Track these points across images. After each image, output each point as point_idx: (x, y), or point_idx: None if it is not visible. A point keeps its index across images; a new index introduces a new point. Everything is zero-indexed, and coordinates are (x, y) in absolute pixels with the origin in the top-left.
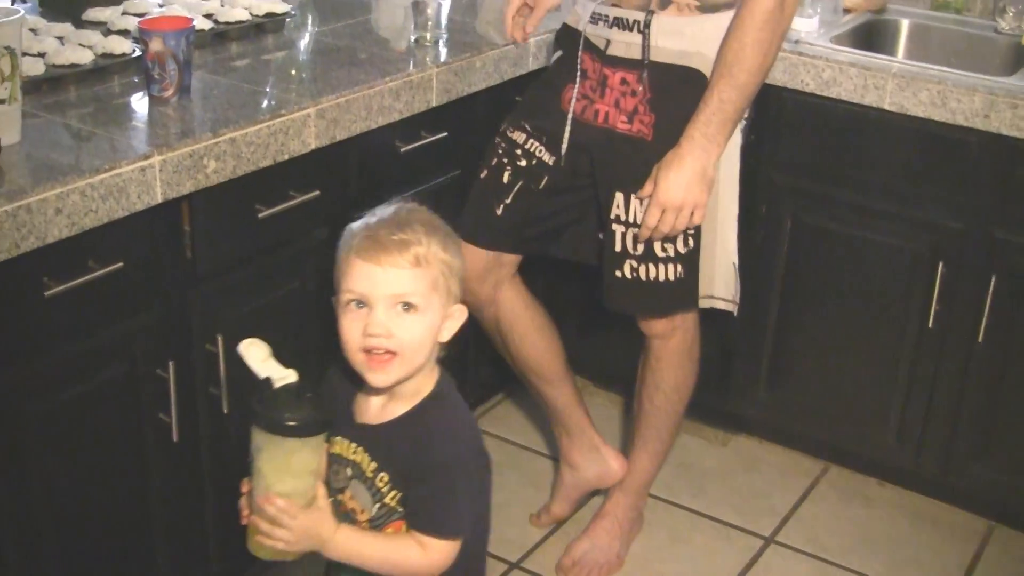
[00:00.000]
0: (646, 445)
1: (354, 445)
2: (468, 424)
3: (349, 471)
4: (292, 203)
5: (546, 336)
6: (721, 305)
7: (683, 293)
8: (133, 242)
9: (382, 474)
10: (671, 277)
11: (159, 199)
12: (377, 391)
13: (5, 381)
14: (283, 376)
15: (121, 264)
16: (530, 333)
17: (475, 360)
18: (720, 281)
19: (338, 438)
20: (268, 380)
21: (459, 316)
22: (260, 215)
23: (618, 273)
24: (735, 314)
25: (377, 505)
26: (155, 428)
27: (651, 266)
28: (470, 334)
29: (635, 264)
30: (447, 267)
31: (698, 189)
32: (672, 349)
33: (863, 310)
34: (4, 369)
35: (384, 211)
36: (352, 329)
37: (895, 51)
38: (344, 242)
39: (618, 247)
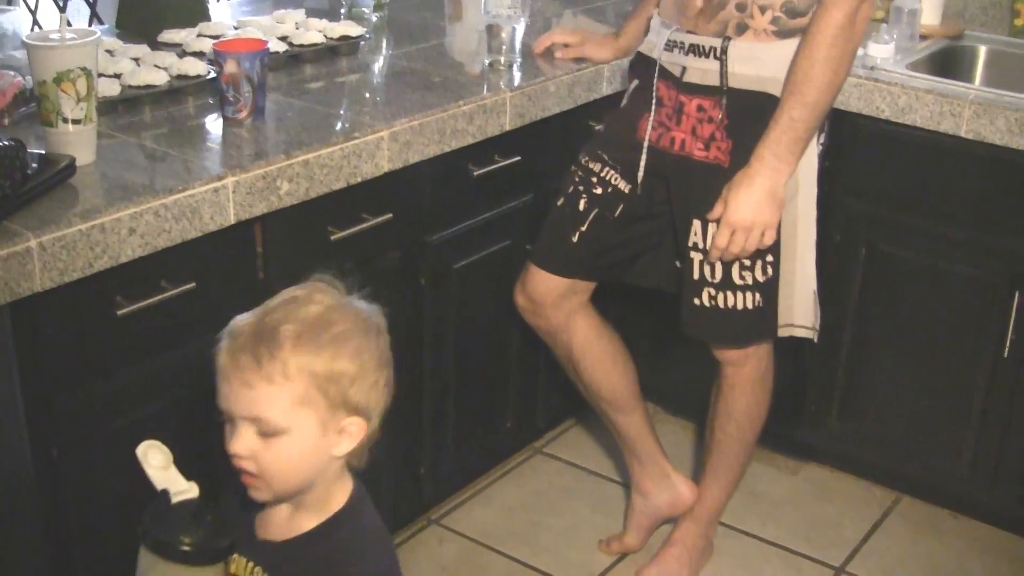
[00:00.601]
0: (717, 474)
1: (252, 564)
2: (382, 543)
3: None
4: (365, 226)
5: (619, 364)
6: (801, 333)
7: (762, 322)
8: (206, 262)
9: None
10: (749, 305)
11: (232, 220)
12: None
13: (77, 399)
14: (182, 490)
15: (194, 284)
16: (603, 361)
17: (545, 386)
18: (800, 309)
19: (235, 555)
20: (165, 493)
21: (356, 432)
22: (332, 237)
23: (696, 301)
24: (815, 341)
25: None
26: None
27: (729, 294)
28: (541, 361)
29: (713, 292)
30: (324, 378)
31: (768, 209)
32: (745, 377)
33: (937, 339)
34: (76, 388)
35: (260, 311)
36: (226, 439)
37: (972, 78)
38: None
39: (696, 275)
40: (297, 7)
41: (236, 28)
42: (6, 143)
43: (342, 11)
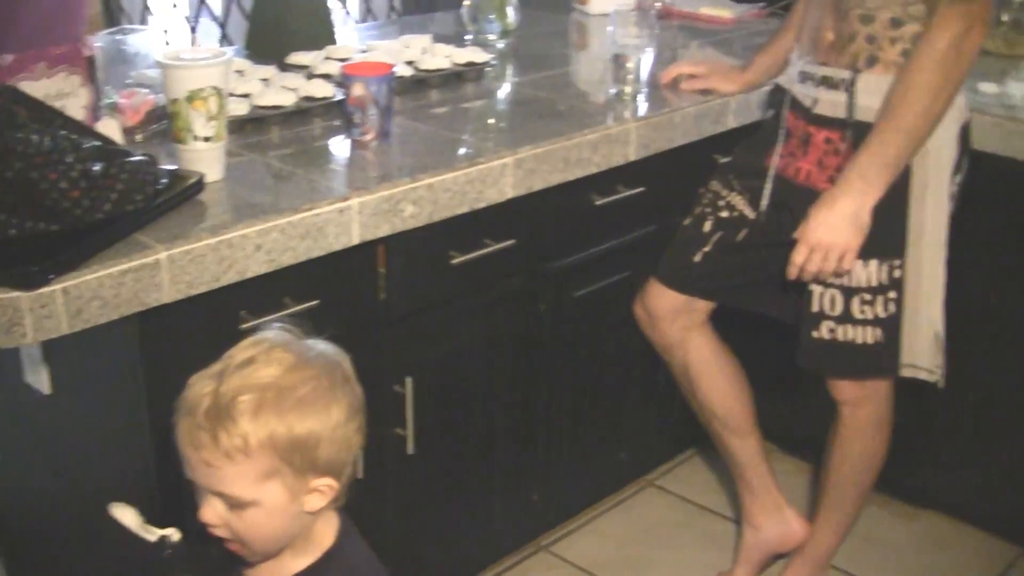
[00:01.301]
0: (829, 516)
1: None
2: (377, 574)
3: None
4: (486, 251)
5: (735, 385)
6: (923, 375)
7: (881, 358)
8: (329, 281)
9: None
10: (869, 340)
11: (356, 240)
12: None
13: None
14: (169, 533)
15: (317, 302)
16: (718, 380)
17: (660, 419)
18: (924, 350)
19: None
20: (164, 538)
21: (327, 491)
22: (454, 261)
23: (815, 333)
24: (940, 385)
25: None
26: None
27: (849, 328)
28: (658, 393)
29: (832, 325)
30: (288, 448)
31: (849, 232)
32: (862, 418)
33: None
34: None
35: (217, 373)
36: (198, 502)
37: None
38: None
39: (815, 307)
40: (424, 32)
41: (363, 51)
42: (139, 158)
43: (468, 37)
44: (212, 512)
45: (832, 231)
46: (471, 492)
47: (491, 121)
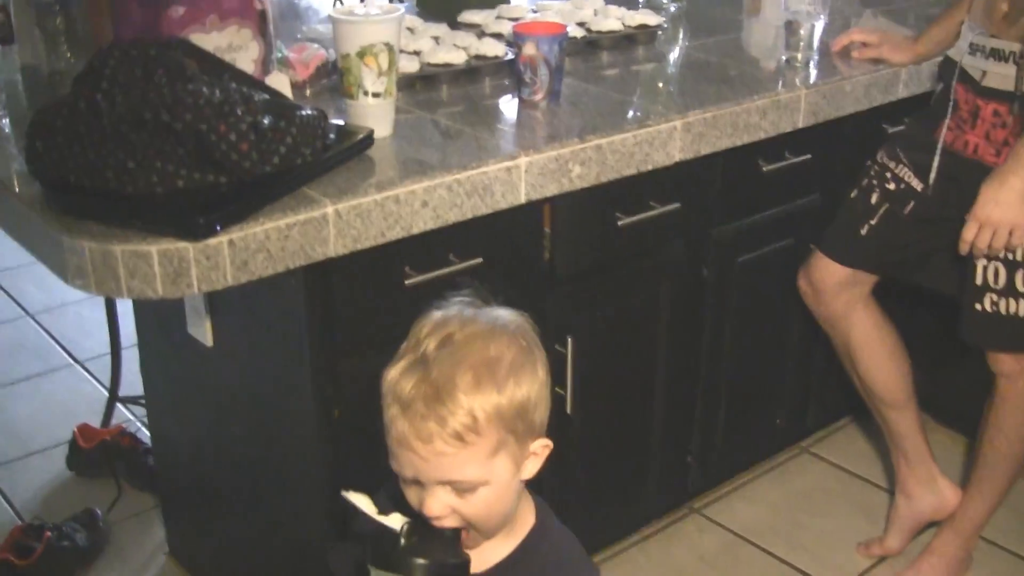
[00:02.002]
0: (981, 487)
1: None
2: (580, 549)
3: None
4: (652, 213)
5: (896, 360)
6: None
7: None
8: (494, 240)
9: None
10: None
11: (523, 199)
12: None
13: (361, 364)
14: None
15: (480, 260)
16: (880, 355)
17: (819, 386)
18: None
19: None
20: (405, 525)
21: (542, 452)
22: (620, 223)
23: (978, 306)
24: None
25: None
26: None
27: (1012, 301)
28: (817, 360)
29: (995, 298)
30: (513, 417)
31: (1019, 209)
32: (1019, 392)
33: None
34: (361, 352)
35: (417, 361)
36: (410, 496)
37: None
38: (383, 390)
39: (979, 280)
40: None
41: (535, 12)
42: (309, 112)
43: (641, 0)
44: (439, 504)
45: (1002, 208)
46: (627, 453)
47: (660, 84)
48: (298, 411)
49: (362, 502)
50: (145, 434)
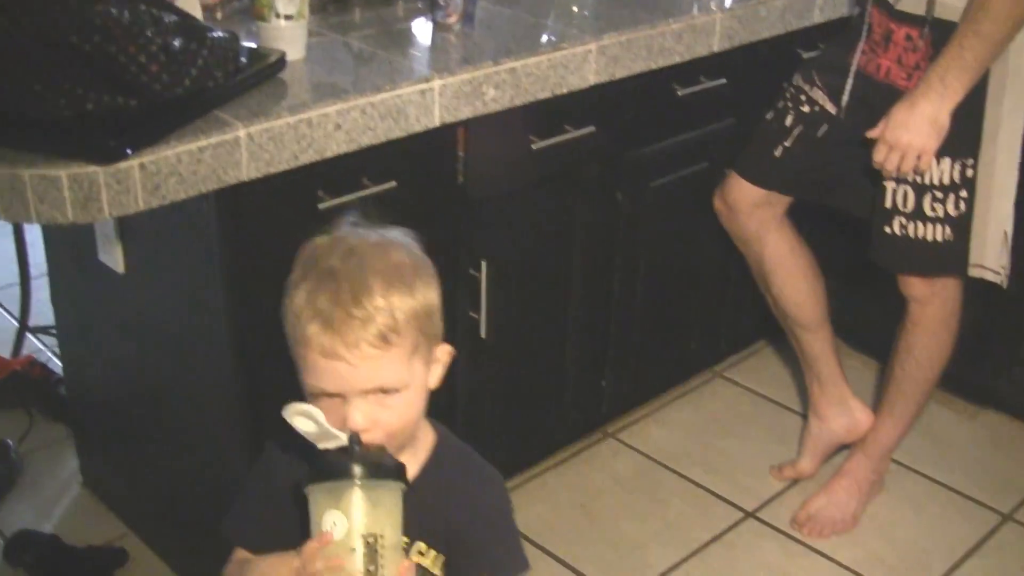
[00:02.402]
0: (892, 410)
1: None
2: (482, 459)
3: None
4: (566, 137)
5: (809, 280)
6: (990, 276)
7: (950, 256)
8: (407, 163)
9: (417, 544)
10: (939, 239)
11: (437, 122)
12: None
13: (275, 288)
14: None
15: (394, 184)
16: (793, 275)
17: (731, 310)
18: (991, 250)
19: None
20: (353, 436)
21: (446, 359)
22: (534, 146)
23: (887, 229)
24: (1004, 287)
25: None
26: None
27: (920, 224)
28: (729, 285)
29: (904, 221)
30: (423, 314)
31: (926, 133)
32: (930, 316)
33: None
34: (275, 276)
35: (324, 276)
36: (329, 415)
37: None
38: (292, 317)
39: (888, 203)
40: None
41: None
42: (220, 35)
43: None
44: (363, 415)
45: (911, 132)
46: (542, 378)
47: (575, 7)
48: (212, 336)
49: (313, 413)
50: (56, 364)
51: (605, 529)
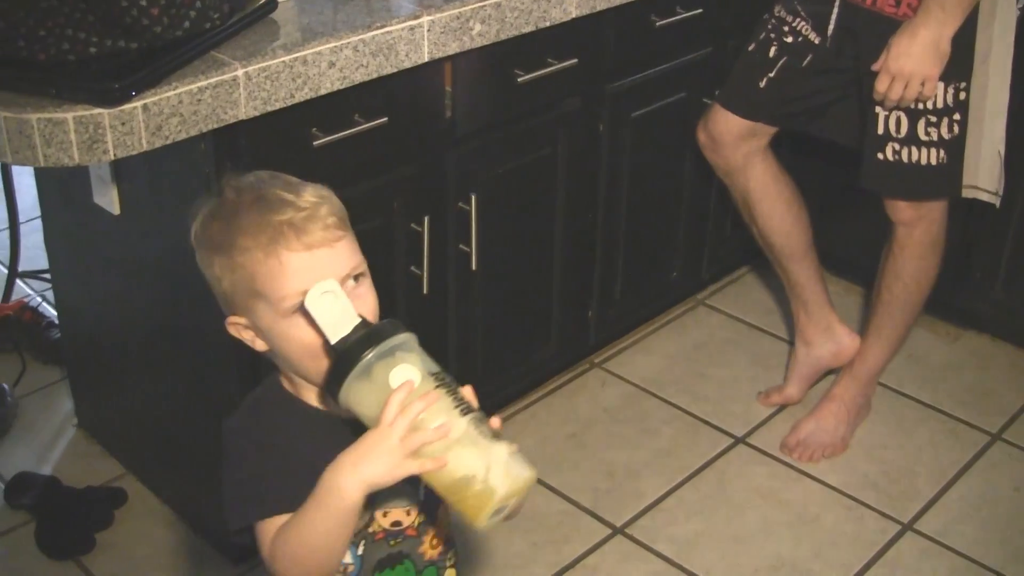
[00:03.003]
0: (880, 333)
1: None
2: None
3: None
4: (550, 70)
5: (793, 210)
6: (984, 196)
7: (945, 179)
8: (397, 100)
9: None
10: (933, 162)
11: (425, 58)
12: None
13: None
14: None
15: (385, 120)
16: (778, 206)
17: (713, 238)
18: (984, 171)
19: None
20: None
21: None
22: (519, 79)
23: (880, 155)
24: (998, 206)
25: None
26: (407, 280)
27: (914, 149)
28: (710, 213)
29: (897, 147)
30: (345, 214)
31: (929, 60)
32: (916, 239)
33: None
34: None
35: (252, 199)
36: (309, 333)
37: None
38: (247, 260)
39: (880, 129)
40: None
41: None
42: None
43: None
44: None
45: (913, 60)
46: (530, 309)
47: None
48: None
49: (333, 285)
50: (47, 308)
51: (597, 458)
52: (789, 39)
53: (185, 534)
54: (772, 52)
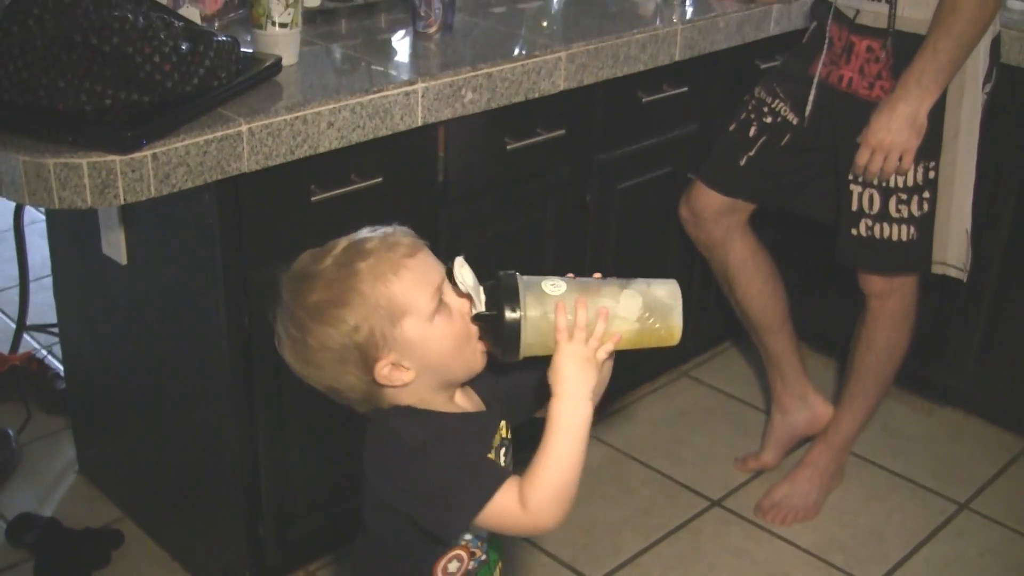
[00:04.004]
0: (852, 402)
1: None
2: None
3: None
4: (539, 139)
5: (770, 284)
6: (953, 272)
7: (915, 254)
8: (393, 161)
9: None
10: (904, 238)
11: (419, 122)
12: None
13: (269, 275)
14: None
15: (380, 179)
16: (756, 280)
17: (696, 310)
18: (953, 247)
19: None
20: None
21: None
22: (509, 147)
23: (853, 231)
24: (965, 281)
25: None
26: None
27: (886, 225)
28: (694, 286)
29: (870, 223)
30: None
31: (907, 133)
32: (889, 311)
33: None
34: (270, 263)
35: (316, 260)
36: (455, 323)
37: None
38: (354, 289)
39: (855, 206)
40: None
41: None
42: (224, 39)
43: None
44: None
45: (892, 133)
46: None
47: (546, 21)
48: (210, 323)
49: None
50: (53, 361)
51: (577, 515)
52: (768, 119)
53: (179, 575)
54: (752, 131)
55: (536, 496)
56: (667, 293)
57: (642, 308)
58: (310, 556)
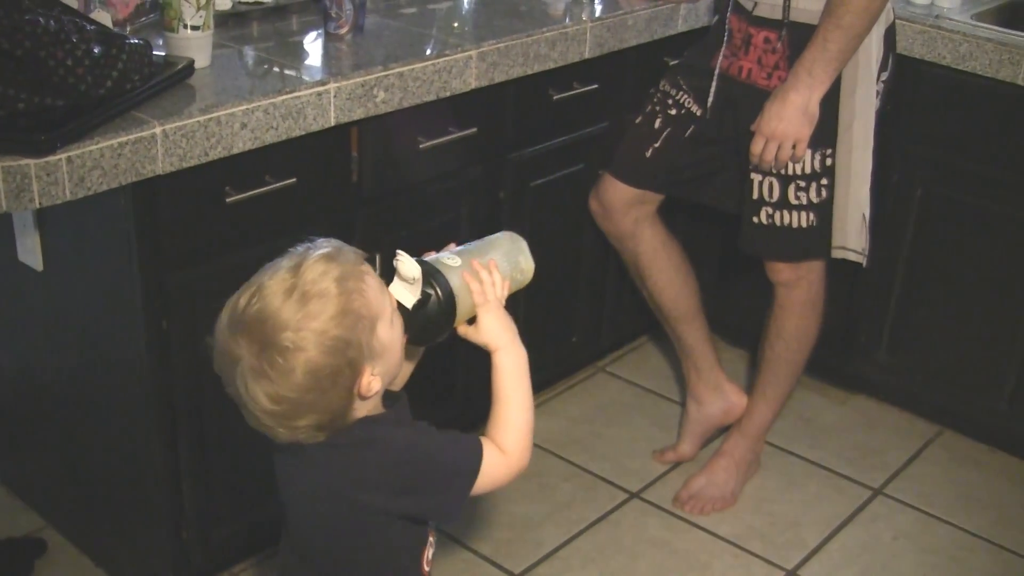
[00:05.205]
0: (765, 391)
1: None
2: None
3: None
4: (451, 137)
5: (681, 274)
6: (852, 256)
7: (815, 241)
8: (307, 161)
9: None
10: (804, 224)
11: (332, 122)
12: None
13: (187, 277)
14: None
15: (294, 180)
16: (667, 270)
17: (611, 307)
18: (852, 233)
19: None
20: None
21: None
22: (421, 146)
23: (755, 219)
24: (864, 265)
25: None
26: None
27: (785, 213)
28: (608, 281)
29: (771, 211)
30: None
31: (798, 123)
32: (796, 299)
33: (987, 280)
34: (187, 266)
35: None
36: (397, 323)
37: None
38: (340, 297)
39: (755, 195)
40: None
41: None
42: (137, 42)
43: None
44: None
45: (785, 122)
46: (431, 372)
47: (456, 21)
48: (127, 326)
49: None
50: None
51: (498, 510)
52: (673, 111)
53: None
54: (657, 124)
55: (510, 440)
56: (510, 238)
57: (505, 253)
58: (235, 558)
